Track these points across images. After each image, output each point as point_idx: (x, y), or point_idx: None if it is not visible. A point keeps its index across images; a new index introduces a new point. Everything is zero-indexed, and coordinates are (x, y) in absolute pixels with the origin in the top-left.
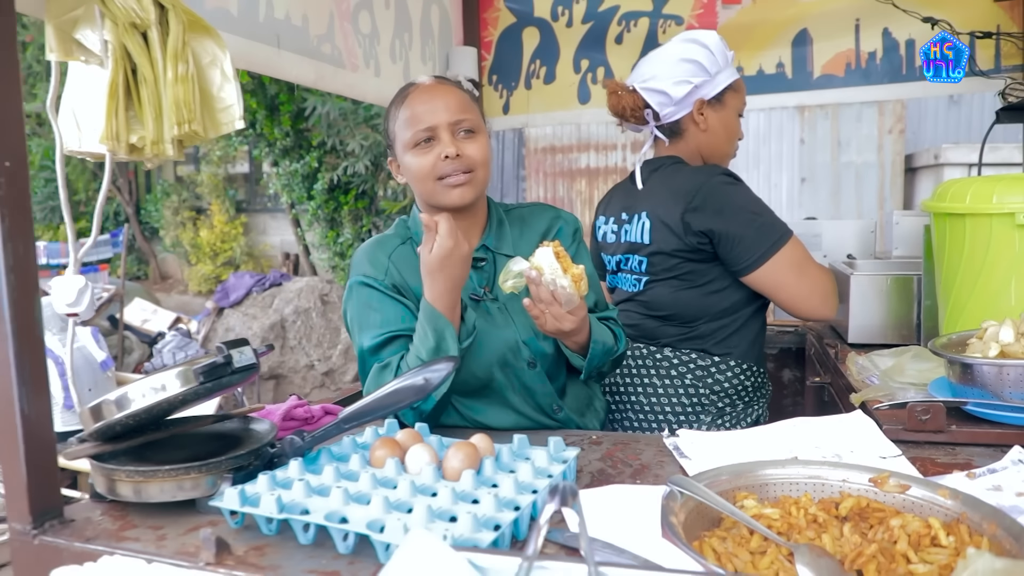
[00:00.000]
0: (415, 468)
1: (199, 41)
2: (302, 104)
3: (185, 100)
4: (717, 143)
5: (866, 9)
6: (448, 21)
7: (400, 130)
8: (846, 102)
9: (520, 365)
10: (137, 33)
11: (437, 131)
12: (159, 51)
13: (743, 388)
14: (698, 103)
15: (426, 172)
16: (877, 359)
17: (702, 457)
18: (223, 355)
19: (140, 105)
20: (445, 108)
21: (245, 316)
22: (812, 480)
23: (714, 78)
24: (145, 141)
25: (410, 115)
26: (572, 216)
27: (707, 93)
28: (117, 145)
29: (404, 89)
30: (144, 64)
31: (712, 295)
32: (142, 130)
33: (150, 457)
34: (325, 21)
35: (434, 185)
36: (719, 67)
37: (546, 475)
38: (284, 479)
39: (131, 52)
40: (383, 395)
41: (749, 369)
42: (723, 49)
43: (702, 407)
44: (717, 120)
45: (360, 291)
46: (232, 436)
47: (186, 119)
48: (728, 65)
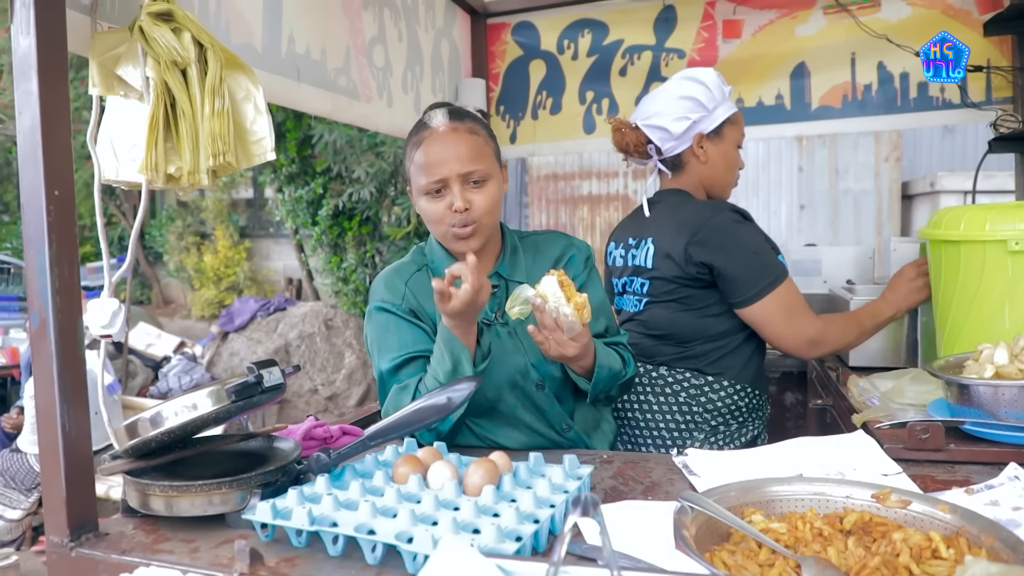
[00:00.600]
0: (437, 484)
1: (234, 77)
2: (308, 132)
3: (221, 133)
4: (717, 174)
5: (861, 44)
6: (457, 54)
7: (414, 174)
8: (843, 132)
9: (529, 387)
10: (177, 70)
11: (448, 182)
12: (198, 87)
13: (736, 408)
14: (697, 137)
15: (437, 219)
16: (877, 381)
17: (711, 475)
18: (254, 375)
19: (178, 137)
20: (456, 158)
21: (250, 341)
22: (817, 496)
23: (711, 113)
24: (182, 171)
25: (423, 163)
26: (585, 244)
27: (705, 127)
28: (156, 175)
29: (419, 131)
30: (183, 99)
31: (708, 318)
32: (179, 161)
33: (180, 473)
34: (342, 55)
35: (443, 231)
36: (716, 102)
37: (562, 491)
38: (312, 494)
39: (171, 87)
40: (408, 413)
41: (743, 389)
42: (720, 85)
43: (695, 424)
44: (716, 152)
45: (378, 316)
46: (258, 454)
47: (221, 151)
48: (725, 99)
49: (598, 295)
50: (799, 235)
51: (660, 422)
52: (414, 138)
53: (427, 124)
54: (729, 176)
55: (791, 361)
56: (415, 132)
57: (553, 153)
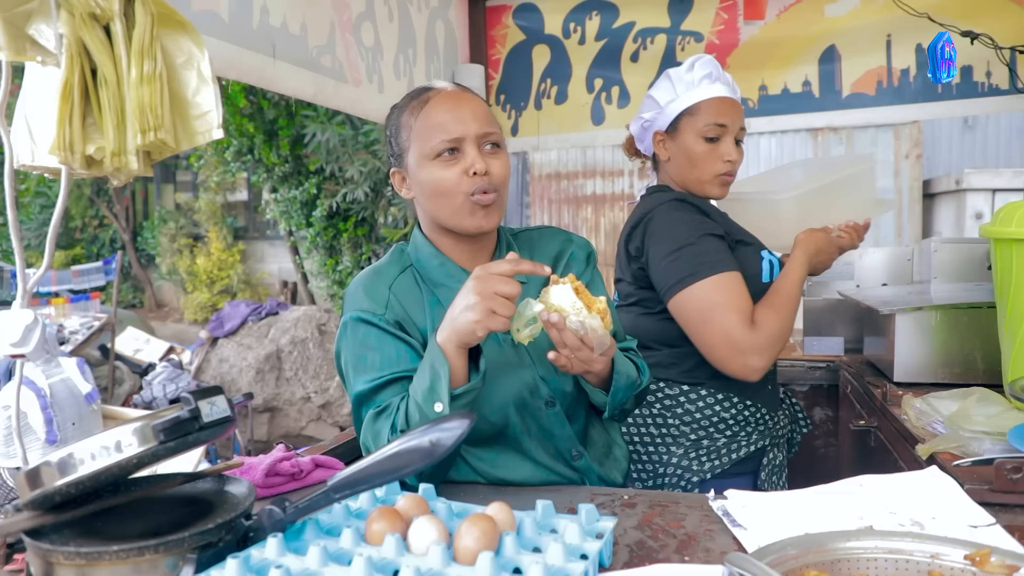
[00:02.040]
0: (420, 547)
1: (172, 38)
2: (301, 130)
3: (151, 104)
4: (681, 171)
5: (898, 24)
6: (454, 37)
7: (417, 139)
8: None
9: (538, 405)
10: (98, 26)
11: (463, 143)
12: (123, 47)
13: (720, 420)
14: (655, 136)
15: (450, 187)
16: (935, 402)
17: (757, 524)
18: (189, 408)
19: (100, 111)
20: (473, 118)
21: (240, 346)
22: (895, 556)
23: (664, 109)
24: (104, 152)
25: (433, 123)
26: (584, 240)
27: (661, 125)
28: (71, 157)
29: (421, 93)
30: (106, 63)
31: (665, 321)
32: (101, 139)
33: (101, 530)
34: (325, 31)
35: (458, 203)
36: (673, 96)
37: (579, 554)
38: (259, 563)
39: (90, 48)
40: (382, 459)
41: (727, 400)
42: (685, 75)
43: (672, 438)
44: (676, 148)
45: (356, 329)
46: (204, 501)
47: (152, 126)
48: (690, 89)
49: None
50: None
51: (635, 436)
52: (415, 101)
53: (430, 87)
54: (695, 172)
55: (821, 373)
56: (414, 96)
57: (559, 146)
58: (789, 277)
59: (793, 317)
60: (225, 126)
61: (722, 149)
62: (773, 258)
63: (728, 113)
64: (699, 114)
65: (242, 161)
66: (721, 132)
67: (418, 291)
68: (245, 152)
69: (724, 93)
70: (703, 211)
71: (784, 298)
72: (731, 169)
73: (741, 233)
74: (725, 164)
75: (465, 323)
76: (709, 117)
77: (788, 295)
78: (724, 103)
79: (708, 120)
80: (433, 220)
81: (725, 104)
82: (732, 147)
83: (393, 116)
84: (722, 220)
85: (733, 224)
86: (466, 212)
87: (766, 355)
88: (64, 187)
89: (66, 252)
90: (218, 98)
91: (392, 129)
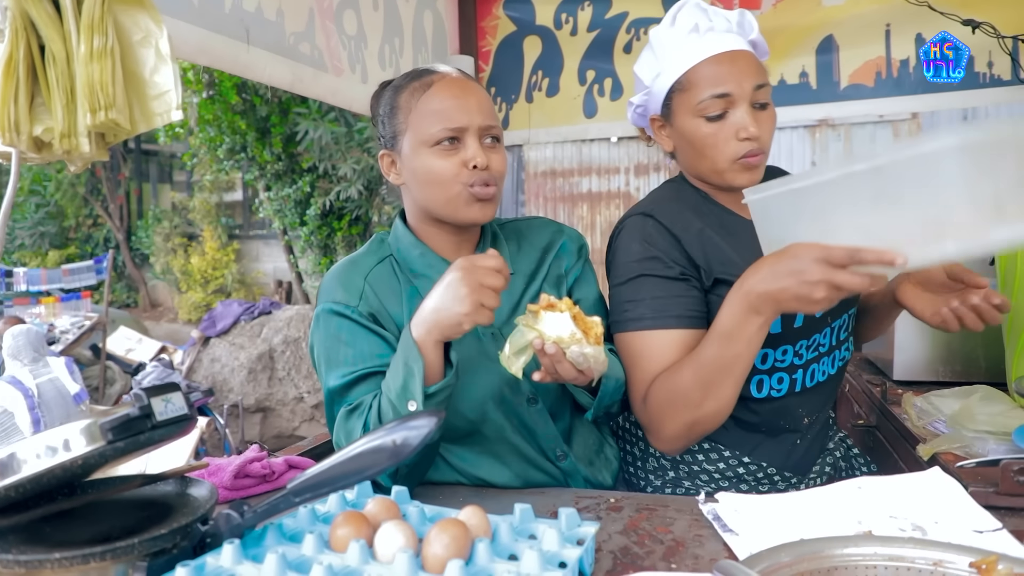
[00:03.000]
0: (386, 555)
1: (128, 13)
2: (294, 127)
3: (101, 81)
4: (687, 159)
5: (898, 13)
6: (443, 28)
7: (416, 123)
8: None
9: (519, 401)
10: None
11: (465, 134)
12: (72, 22)
13: (736, 476)
14: (652, 123)
15: (447, 177)
16: (937, 400)
17: (750, 530)
18: (140, 405)
19: (48, 89)
20: (478, 109)
21: (232, 346)
22: (896, 564)
23: (651, 88)
24: (53, 133)
25: (434, 109)
26: (576, 232)
27: (653, 109)
28: (16, 138)
29: (423, 75)
30: (54, 38)
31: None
32: (50, 120)
33: (49, 536)
34: (304, 18)
35: (453, 194)
36: (658, 69)
37: (557, 563)
38: (214, 570)
39: (37, 22)
40: (345, 460)
41: (735, 458)
42: (667, 35)
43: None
44: (676, 135)
45: (330, 321)
46: (162, 504)
47: (102, 105)
48: (674, 53)
49: (593, 293)
50: None
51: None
52: (416, 83)
53: (433, 70)
54: (702, 159)
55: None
56: (415, 77)
57: (550, 139)
58: (726, 328)
59: (708, 387)
60: (217, 123)
61: (734, 124)
62: None
63: (731, 76)
64: (692, 88)
65: (235, 159)
66: (727, 104)
67: (396, 282)
68: (238, 150)
69: (721, 48)
70: (670, 235)
71: (692, 361)
72: (753, 148)
73: (732, 267)
74: (742, 143)
75: (452, 316)
76: (705, 88)
77: (698, 357)
78: (723, 62)
79: (704, 93)
80: (422, 208)
81: (724, 63)
82: (748, 118)
83: (387, 95)
84: (701, 247)
85: (722, 253)
86: (462, 203)
87: (657, 437)
88: (14, 171)
89: (60, 251)
90: (177, 77)
91: (386, 108)
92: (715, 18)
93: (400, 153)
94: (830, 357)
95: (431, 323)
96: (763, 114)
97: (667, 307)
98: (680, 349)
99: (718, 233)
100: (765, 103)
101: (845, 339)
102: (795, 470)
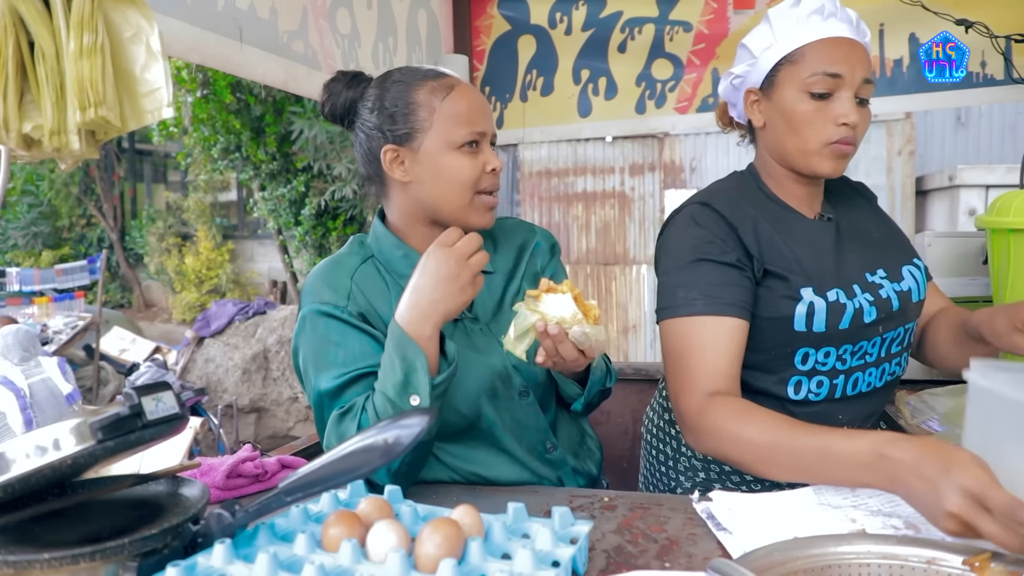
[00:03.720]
0: (378, 554)
1: (119, 10)
2: (289, 127)
3: (91, 78)
4: (779, 139)
5: (891, 12)
6: (437, 27)
7: (443, 123)
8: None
9: (511, 395)
10: None
11: (483, 139)
12: (62, 19)
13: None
14: (746, 96)
15: (469, 181)
16: (931, 399)
17: (744, 529)
18: (130, 404)
19: (38, 87)
20: (490, 117)
21: (226, 346)
22: (889, 562)
23: (759, 59)
24: (43, 131)
25: (462, 110)
26: (547, 232)
27: (754, 80)
28: (5, 135)
29: (437, 76)
30: (44, 35)
31: None
32: (39, 117)
33: (38, 536)
34: (297, 16)
35: (469, 198)
36: (771, 40)
37: (550, 562)
38: (204, 570)
39: (26, 19)
40: (336, 459)
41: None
42: (790, 12)
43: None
44: (772, 110)
45: (317, 322)
46: (154, 504)
47: (92, 102)
48: (790, 31)
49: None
50: None
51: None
52: (435, 82)
53: (443, 73)
54: (798, 140)
55: None
56: (431, 77)
57: (545, 138)
58: (836, 459)
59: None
60: (212, 123)
61: (835, 108)
62: (822, 299)
63: (846, 59)
64: (803, 61)
65: (230, 159)
66: (835, 85)
67: (382, 283)
68: (232, 149)
69: (841, 32)
70: (727, 223)
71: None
72: (848, 135)
73: (784, 261)
74: (839, 128)
75: (453, 297)
76: (817, 64)
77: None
78: (840, 45)
79: (816, 68)
80: (427, 207)
81: (841, 47)
82: (850, 105)
83: (400, 90)
84: (756, 237)
85: (774, 246)
86: (473, 208)
87: (695, 438)
88: (4, 169)
89: (53, 252)
90: (168, 74)
91: (400, 103)
92: (839, 8)
93: (416, 151)
94: (878, 369)
95: (428, 311)
96: (863, 109)
97: (721, 293)
98: (730, 339)
99: (773, 227)
100: (866, 99)
101: (898, 353)
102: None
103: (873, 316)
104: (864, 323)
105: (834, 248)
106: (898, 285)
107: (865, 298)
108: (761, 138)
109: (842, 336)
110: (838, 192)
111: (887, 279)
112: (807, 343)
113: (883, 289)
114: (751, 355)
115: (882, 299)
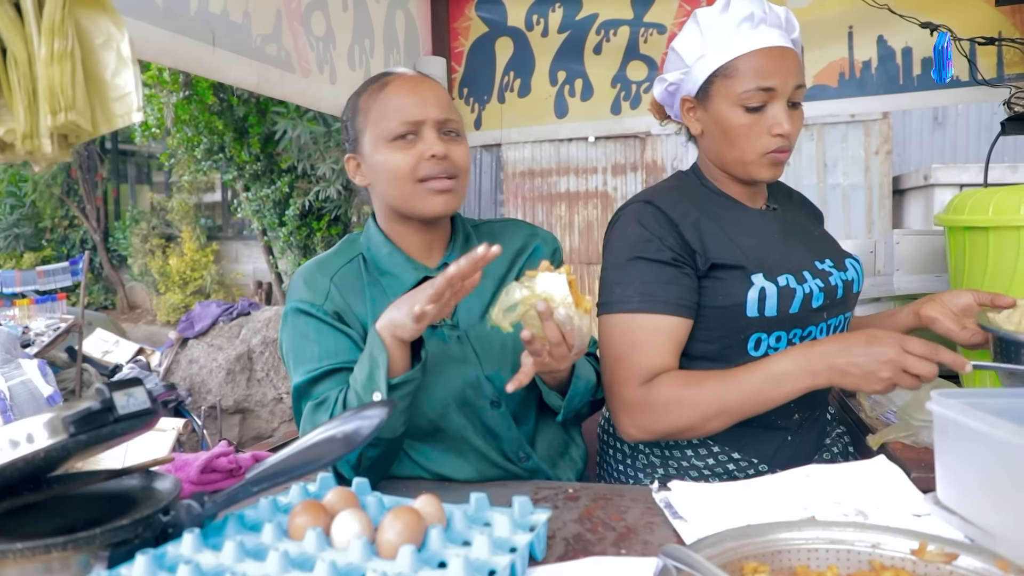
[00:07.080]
0: (342, 541)
1: (90, 17)
2: (272, 127)
3: (61, 84)
4: (716, 148)
5: (860, 15)
6: (415, 29)
7: (375, 122)
8: (839, 113)
9: (482, 404)
10: (7, 3)
11: (422, 127)
12: (34, 25)
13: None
14: (682, 103)
15: (405, 172)
16: (891, 392)
17: (699, 517)
18: (102, 399)
19: (10, 91)
20: (434, 103)
21: (210, 347)
22: (836, 546)
23: (691, 68)
24: (15, 135)
25: (391, 105)
26: (551, 235)
27: (689, 89)
28: None
29: (380, 77)
30: (15, 41)
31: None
32: (12, 121)
33: (13, 529)
34: (271, 20)
35: (413, 188)
36: (701, 50)
37: (508, 548)
38: (173, 559)
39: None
40: (300, 450)
41: (724, 454)
42: (719, 19)
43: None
44: (708, 119)
45: (296, 319)
46: (127, 498)
47: (62, 106)
48: (724, 39)
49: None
50: None
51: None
52: (373, 85)
53: (390, 72)
54: (735, 151)
55: None
56: (373, 81)
57: (523, 139)
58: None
59: (724, 411)
60: (194, 123)
61: (769, 119)
62: (772, 284)
63: (777, 71)
64: (737, 76)
65: (213, 160)
66: (768, 98)
67: (361, 281)
68: (216, 150)
69: (772, 42)
70: (668, 220)
71: (723, 381)
72: (783, 144)
73: (731, 252)
74: (774, 139)
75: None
76: (751, 79)
77: (732, 381)
78: (772, 56)
79: (749, 84)
80: (388, 206)
81: (773, 58)
82: (783, 114)
83: (352, 100)
84: (698, 233)
85: (720, 240)
86: (420, 196)
87: (634, 424)
88: None
89: (35, 253)
90: (138, 80)
91: (348, 114)
92: (769, 13)
93: (363, 154)
94: None
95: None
96: (795, 113)
97: (656, 291)
98: (667, 335)
99: (717, 223)
100: (798, 103)
101: None
102: (786, 466)
103: (820, 301)
104: (812, 308)
105: (781, 237)
106: (844, 275)
107: (816, 283)
108: (700, 143)
109: (792, 320)
110: (778, 190)
111: (834, 268)
112: (759, 328)
113: (832, 276)
114: (703, 346)
115: (831, 286)
